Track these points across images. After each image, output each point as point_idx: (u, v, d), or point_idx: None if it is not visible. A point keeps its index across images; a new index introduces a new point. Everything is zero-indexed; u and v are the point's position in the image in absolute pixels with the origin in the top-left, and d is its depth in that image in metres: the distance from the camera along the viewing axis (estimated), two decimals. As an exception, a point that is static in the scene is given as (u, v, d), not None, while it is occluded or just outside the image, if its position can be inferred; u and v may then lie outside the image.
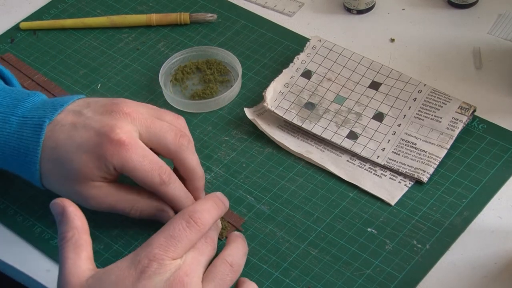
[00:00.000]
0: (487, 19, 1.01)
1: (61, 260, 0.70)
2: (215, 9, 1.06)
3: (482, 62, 0.96)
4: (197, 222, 0.72)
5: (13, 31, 1.07)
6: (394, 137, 0.89)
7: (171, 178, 0.80)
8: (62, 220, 0.72)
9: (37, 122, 0.81)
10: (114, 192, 0.81)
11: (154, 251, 0.69)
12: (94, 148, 0.78)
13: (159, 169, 0.79)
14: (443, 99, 0.90)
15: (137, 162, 0.78)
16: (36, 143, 0.80)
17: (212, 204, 0.75)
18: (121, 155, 0.77)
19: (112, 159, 0.78)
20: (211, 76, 0.97)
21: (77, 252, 0.70)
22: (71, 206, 0.72)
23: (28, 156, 0.80)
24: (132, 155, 0.78)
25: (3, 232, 0.85)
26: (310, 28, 1.03)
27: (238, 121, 0.93)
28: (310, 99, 0.93)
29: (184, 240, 0.70)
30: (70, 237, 0.71)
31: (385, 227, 0.82)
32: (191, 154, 0.81)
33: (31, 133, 0.81)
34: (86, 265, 0.70)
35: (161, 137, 0.80)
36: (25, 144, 0.81)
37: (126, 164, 0.78)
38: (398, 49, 0.99)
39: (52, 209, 0.72)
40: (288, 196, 0.86)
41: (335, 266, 0.79)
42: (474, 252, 0.80)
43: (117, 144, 0.78)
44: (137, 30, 1.05)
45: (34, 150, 0.80)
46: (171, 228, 0.71)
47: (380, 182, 0.86)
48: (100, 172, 0.79)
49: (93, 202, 0.81)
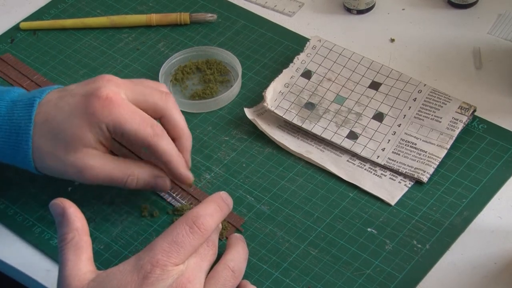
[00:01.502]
0: (487, 19, 1.01)
1: (62, 262, 0.70)
2: (215, 9, 1.06)
3: (482, 62, 0.96)
4: (200, 227, 0.71)
5: (13, 31, 1.07)
6: (394, 137, 0.89)
7: (163, 131, 0.80)
8: (62, 221, 0.71)
9: (27, 102, 0.81)
10: (109, 162, 0.81)
11: (157, 257, 0.69)
12: (83, 110, 0.79)
13: (151, 122, 0.80)
14: (443, 99, 0.90)
15: (127, 116, 0.79)
16: (28, 119, 0.80)
17: (215, 208, 0.74)
18: (111, 111, 0.78)
19: (102, 117, 0.78)
20: (211, 76, 0.97)
21: (78, 254, 0.70)
22: (71, 207, 0.72)
23: (20, 134, 0.80)
24: (121, 110, 0.79)
25: (3, 232, 0.85)
26: (310, 28, 1.03)
27: (238, 121, 0.93)
28: (310, 99, 0.93)
29: (187, 246, 0.70)
30: (70, 238, 0.71)
31: (385, 227, 0.82)
32: (178, 111, 0.83)
33: (22, 112, 0.81)
34: (87, 267, 0.70)
35: (148, 95, 0.81)
36: (16, 124, 0.81)
37: (117, 119, 0.78)
38: (398, 49, 0.99)
39: (52, 209, 0.72)
40: (288, 196, 0.86)
41: (335, 266, 0.79)
42: (474, 252, 0.80)
43: (105, 101, 0.79)
44: (137, 30, 1.05)
45: (26, 127, 0.80)
46: (174, 233, 0.70)
47: (380, 182, 0.86)
48: (92, 135, 0.79)
49: (89, 174, 0.80)
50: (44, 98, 0.82)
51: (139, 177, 0.82)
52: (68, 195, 0.87)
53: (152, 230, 0.84)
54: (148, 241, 0.83)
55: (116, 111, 0.79)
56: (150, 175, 0.82)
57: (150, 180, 0.82)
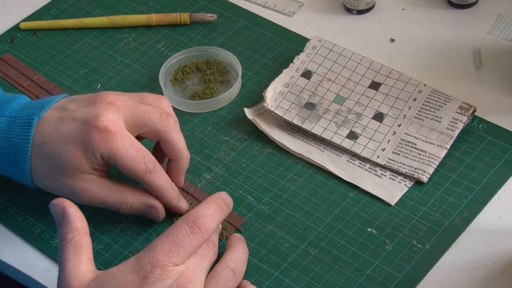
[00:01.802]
0: (487, 19, 1.01)
1: (62, 262, 0.70)
2: (215, 9, 1.06)
3: (482, 62, 0.96)
4: (201, 228, 0.71)
5: (13, 31, 1.07)
6: (394, 137, 0.89)
7: (156, 167, 0.80)
8: (63, 221, 0.71)
9: (26, 120, 0.81)
10: (104, 186, 0.81)
11: (157, 257, 0.69)
12: (80, 138, 0.79)
13: (144, 157, 0.80)
14: (443, 99, 0.90)
15: (123, 150, 0.79)
16: (26, 140, 0.81)
17: (216, 208, 0.74)
18: (108, 143, 0.78)
19: (99, 147, 0.78)
20: (211, 76, 0.97)
21: (78, 254, 0.70)
22: (72, 207, 0.72)
23: (18, 153, 0.81)
24: (118, 143, 0.79)
25: (3, 232, 0.85)
26: (310, 28, 1.03)
27: (238, 121, 0.93)
28: (310, 99, 0.93)
29: (187, 246, 0.70)
30: (70, 238, 0.71)
31: (385, 227, 0.82)
32: (178, 133, 0.83)
33: (20, 131, 0.81)
34: (87, 267, 0.70)
35: (147, 119, 0.81)
36: (15, 142, 0.81)
37: (112, 151, 0.78)
38: (398, 49, 0.99)
39: (52, 209, 0.72)
40: (288, 196, 0.86)
41: (335, 266, 0.79)
42: (474, 252, 0.80)
43: (103, 132, 0.78)
44: (137, 30, 1.05)
45: (24, 147, 0.81)
46: (175, 233, 0.70)
47: (380, 182, 0.86)
48: (88, 163, 0.79)
49: (84, 197, 0.81)
50: (43, 116, 0.82)
51: (132, 205, 0.82)
52: (68, 195, 0.87)
53: (152, 230, 0.84)
54: (148, 241, 0.83)
55: (112, 143, 0.78)
56: (144, 203, 0.82)
57: (143, 209, 0.82)
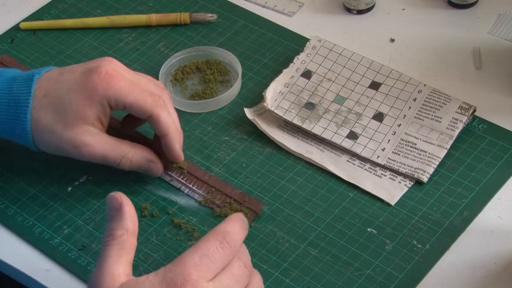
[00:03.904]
0: (487, 19, 1.01)
1: (102, 256, 0.68)
2: (215, 9, 1.06)
3: (482, 62, 0.96)
4: (230, 243, 0.69)
5: (13, 31, 1.07)
6: (394, 137, 0.89)
7: (165, 103, 0.83)
8: (116, 216, 0.69)
9: (27, 78, 0.83)
10: (105, 141, 0.83)
11: (188, 271, 0.66)
12: (83, 85, 0.81)
13: (151, 93, 0.82)
14: (443, 99, 0.90)
15: (127, 89, 0.81)
16: (28, 93, 0.82)
17: (241, 226, 0.71)
18: (111, 85, 0.80)
19: (103, 91, 0.80)
20: (211, 76, 0.97)
21: (121, 253, 0.68)
22: (129, 205, 0.70)
23: (19, 107, 0.82)
24: (121, 83, 0.81)
25: (3, 232, 0.85)
26: (310, 28, 1.03)
27: (238, 121, 0.93)
28: (310, 99, 0.93)
29: (217, 261, 0.68)
30: (118, 236, 0.69)
31: (385, 227, 0.82)
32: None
33: (21, 86, 0.82)
34: (124, 269, 0.68)
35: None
36: (16, 97, 0.82)
37: (117, 92, 0.80)
38: (398, 49, 0.99)
39: (109, 202, 0.70)
40: (288, 196, 0.86)
41: (335, 266, 0.79)
42: (474, 252, 0.80)
43: (105, 76, 0.81)
44: (137, 30, 1.05)
45: (25, 100, 0.82)
46: (206, 247, 0.68)
47: (380, 182, 0.86)
48: (92, 111, 0.81)
49: (85, 150, 0.82)
50: (43, 75, 0.84)
51: (133, 159, 0.83)
52: (68, 195, 0.87)
53: (152, 230, 0.84)
54: (148, 241, 0.83)
55: (116, 84, 0.81)
56: (144, 158, 0.84)
57: (143, 163, 0.84)
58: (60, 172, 0.90)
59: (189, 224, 0.84)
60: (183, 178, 0.87)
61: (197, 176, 0.87)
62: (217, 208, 0.84)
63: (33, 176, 0.89)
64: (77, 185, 0.88)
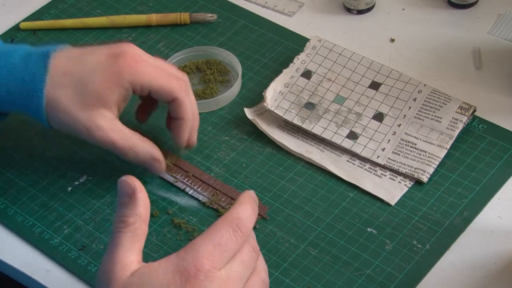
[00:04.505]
0: (487, 19, 1.01)
1: (114, 244, 0.67)
2: (215, 9, 1.06)
3: (482, 62, 0.97)
4: (242, 230, 0.68)
5: (13, 31, 1.07)
6: (394, 137, 0.89)
7: (189, 88, 0.84)
8: (129, 202, 0.67)
9: (42, 53, 0.82)
10: (119, 129, 0.83)
11: (201, 260, 0.65)
12: (109, 68, 0.81)
13: (176, 77, 0.83)
14: (443, 99, 0.90)
15: (153, 74, 0.82)
16: (43, 68, 0.81)
17: (252, 209, 0.70)
18: (138, 70, 0.81)
19: (129, 75, 0.81)
20: (211, 76, 0.97)
21: (133, 241, 0.67)
22: (142, 191, 0.68)
23: (35, 83, 0.81)
24: (147, 68, 0.82)
25: (3, 232, 0.85)
26: (310, 28, 1.03)
27: (238, 121, 0.93)
28: (310, 99, 0.93)
29: (230, 249, 0.67)
30: (131, 223, 0.67)
31: (385, 227, 0.82)
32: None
33: (37, 61, 0.82)
34: (135, 257, 0.67)
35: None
36: (32, 72, 0.81)
37: (144, 77, 0.81)
38: (398, 49, 0.99)
39: (121, 186, 0.68)
40: (288, 196, 0.86)
41: (335, 266, 0.79)
42: (474, 252, 0.80)
43: (131, 60, 0.81)
44: (137, 30, 1.05)
45: (41, 76, 0.81)
46: (218, 235, 0.67)
47: (380, 182, 0.86)
48: (114, 95, 0.81)
49: (97, 135, 0.81)
50: (61, 52, 0.83)
51: (139, 153, 0.83)
52: (68, 195, 0.87)
53: (152, 230, 0.84)
54: (148, 241, 0.82)
55: (142, 69, 0.81)
56: (149, 155, 0.84)
57: (147, 160, 0.84)
58: (60, 172, 0.90)
59: (189, 224, 0.84)
60: (188, 180, 0.87)
61: (202, 179, 0.87)
62: (222, 209, 0.84)
63: (33, 176, 0.89)
64: (77, 185, 0.88)
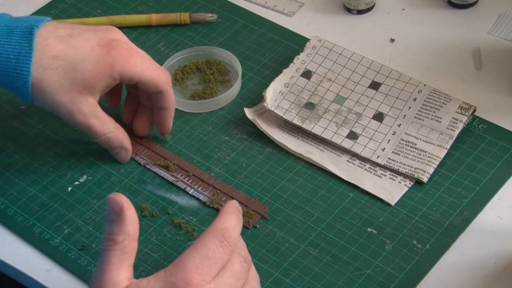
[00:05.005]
0: (487, 19, 1.01)
1: (103, 262, 0.68)
2: (215, 9, 1.06)
3: (482, 62, 0.97)
4: (229, 241, 0.68)
5: (13, 31, 1.06)
6: (394, 137, 0.89)
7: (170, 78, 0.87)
8: (117, 220, 0.68)
9: (25, 30, 0.83)
10: (99, 115, 0.85)
11: (190, 274, 0.66)
12: (101, 58, 0.83)
13: (163, 70, 0.86)
14: (443, 99, 0.90)
15: (144, 65, 0.85)
16: (29, 47, 0.82)
17: (237, 219, 0.70)
18: (130, 62, 0.84)
19: (120, 67, 0.83)
20: (211, 76, 0.97)
21: (122, 259, 0.68)
22: (130, 209, 0.69)
23: (20, 61, 0.82)
24: (137, 60, 0.84)
25: (3, 232, 0.85)
26: (310, 28, 1.03)
27: (238, 121, 0.93)
28: (310, 99, 0.93)
29: (218, 261, 0.67)
30: (120, 241, 0.68)
31: (385, 227, 0.82)
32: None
33: (21, 39, 0.82)
34: (125, 274, 0.68)
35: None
36: (17, 50, 0.82)
37: (135, 69, 0.84)
38: (398, 49, 0.99)
39: (109, 204, 0.69)
40: (288, 196, 0.86)
41: (335, 266, 0.79)
42: (474, 252, 0.80)
43: (123, 51, 0.84)
44: (137, 30, 1.05)
45: (27, 54, 0.82)
46: (206, 248, 0.67)
47: (380, 182, 0.86)
48: (101, 83, 0.83)
49: (77, 118, 0.84)
50: (45, 28, 0.84)
51: (111, 139, 0.86)
52: (68, 195, 0.87)
53: (152, 230, 0.84)
54: (148, 241, 0.83)
55: (133, 61, 0.84)
56: (119, 142, 0.87)
57: (116, 147, 0.88)
58: (60, 172, 0.90)
59: (189, 224, 0.84)
60: (188, 180, 0.87)
61: (202, 179, 0.87)
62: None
63: (33, 176, 0.89)
64: (77, 185, 0.88)
